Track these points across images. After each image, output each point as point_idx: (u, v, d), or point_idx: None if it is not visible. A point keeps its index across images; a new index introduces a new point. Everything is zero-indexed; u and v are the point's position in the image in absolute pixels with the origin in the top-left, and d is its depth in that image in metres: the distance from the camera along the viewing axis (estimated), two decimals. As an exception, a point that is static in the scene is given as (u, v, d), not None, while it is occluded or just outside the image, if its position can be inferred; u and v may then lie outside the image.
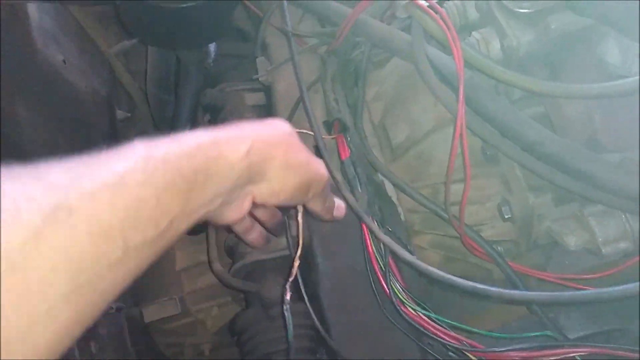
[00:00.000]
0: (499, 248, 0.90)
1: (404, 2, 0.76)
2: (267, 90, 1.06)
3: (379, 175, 0.99)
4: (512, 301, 0.73)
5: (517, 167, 0.83)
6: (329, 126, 0.88)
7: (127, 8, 0.67)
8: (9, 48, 0.61)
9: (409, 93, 0.96)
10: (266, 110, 1.09)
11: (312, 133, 0.82)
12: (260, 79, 1.00)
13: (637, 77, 0.61)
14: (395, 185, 0.96)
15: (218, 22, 0.70)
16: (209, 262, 0.93)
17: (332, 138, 0.87)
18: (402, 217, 0.99)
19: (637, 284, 0.54)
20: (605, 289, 0.56)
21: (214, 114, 1.12)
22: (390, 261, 0.78)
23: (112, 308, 0.79)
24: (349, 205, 0.77)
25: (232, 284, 0.86)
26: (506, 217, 0.85)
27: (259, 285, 0.83)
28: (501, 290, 0.63)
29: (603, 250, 0.78)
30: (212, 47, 0.80)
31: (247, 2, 1.13)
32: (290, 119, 0.93)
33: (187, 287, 1.18)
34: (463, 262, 0.97)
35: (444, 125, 0.89)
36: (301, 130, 0.84)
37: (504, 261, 0.85)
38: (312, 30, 1.07)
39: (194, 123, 0.93)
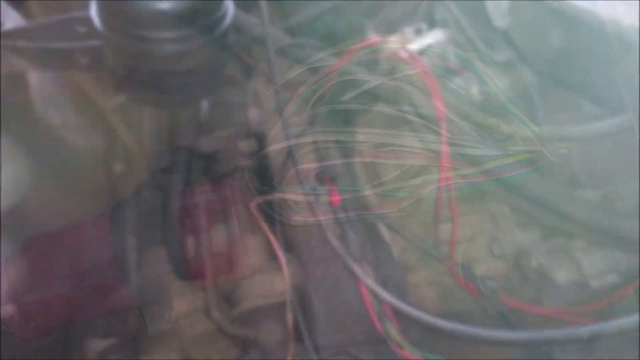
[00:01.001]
0: (492, 284, 0.92)
1: (385, 54, 0.80)
2: (260, 137, 1.09)
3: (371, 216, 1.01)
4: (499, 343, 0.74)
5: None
6: (320, 179, 0.91)
7: (123, 73, 0.70)
8: (10, 116, 0.64)
9: (398, 133, 0.99)
10: (260, 157, 1.11)
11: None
12: (253, 129, 1.04)
13: (611, 120, 0.64)
14: (387, 226, 0.98)
15: (211, 82, 0.73)
16: (208, 309, 0.94)
17: (326, 192, 0.90)
18: (396, 256, 1.01)
19: (636, 316, 0.55)
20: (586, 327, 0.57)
21: (208, 161, 1.15)
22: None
23: (111, 363, 0.80)
24: (339, 255, 0.79)
25: (231, 332, 0.87)
26: (497, 254, 0.86)
27: (257, 332, 0.84)
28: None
29: (592, 284, 0.80)
30: (204, 102, 0.84)
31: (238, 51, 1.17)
32: (284, 168, 0.96)
33: (186, 333, 1.18)
34: (459, 298, 0.98)
35: (433, 165, 0.92)
36: (292, 200, 0.88)
37: (496, 299, 0.87)
38: (301, 77, 1.11)
39: (189, 172, 0.95)
